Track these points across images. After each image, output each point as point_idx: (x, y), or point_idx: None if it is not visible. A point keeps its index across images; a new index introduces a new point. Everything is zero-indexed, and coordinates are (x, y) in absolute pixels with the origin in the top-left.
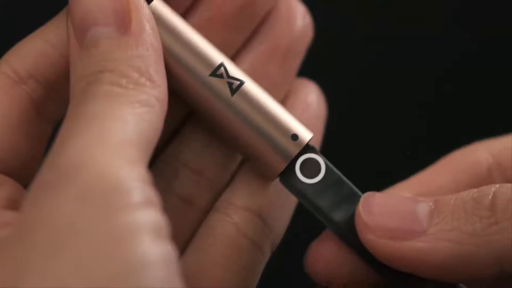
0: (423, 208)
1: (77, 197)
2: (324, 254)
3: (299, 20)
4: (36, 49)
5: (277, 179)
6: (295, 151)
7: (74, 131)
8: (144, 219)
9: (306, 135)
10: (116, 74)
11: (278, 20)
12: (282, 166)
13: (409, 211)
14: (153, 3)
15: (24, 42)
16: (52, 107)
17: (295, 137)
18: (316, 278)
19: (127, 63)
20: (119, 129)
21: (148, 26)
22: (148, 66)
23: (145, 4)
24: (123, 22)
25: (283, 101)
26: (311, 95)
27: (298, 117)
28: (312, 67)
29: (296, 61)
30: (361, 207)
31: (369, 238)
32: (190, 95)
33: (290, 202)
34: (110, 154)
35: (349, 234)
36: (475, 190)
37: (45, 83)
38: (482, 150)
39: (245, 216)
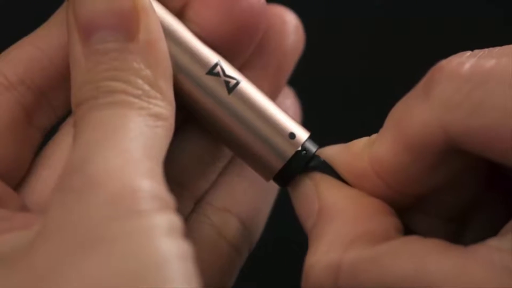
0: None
1: (104, 203)
2: None
3: (292, 35)
4: (26, 55)
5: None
6: (293, 150)
7: (100, 140)
8: (162, 222)
9: (303, 134)
10: (131, 86)
11: (271, 38)
12: (279, 165)
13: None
14: None
15: (14, 48)
16: (42, 114)
17: (292, 135)
18: None
19: (138, 74)
20: (141, 144)
21: (158, 33)
22: (157, 78)
23: (153, 8)
24: (132, 28)
25: None
26: (288, 99)
27: None
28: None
29: (286, 75)
30: None
31: None
32: (186, 95)
33: (267, 205)
34: (133, 168)
35: None
36: None
37: (36, 90)
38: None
39: (224, 217)
